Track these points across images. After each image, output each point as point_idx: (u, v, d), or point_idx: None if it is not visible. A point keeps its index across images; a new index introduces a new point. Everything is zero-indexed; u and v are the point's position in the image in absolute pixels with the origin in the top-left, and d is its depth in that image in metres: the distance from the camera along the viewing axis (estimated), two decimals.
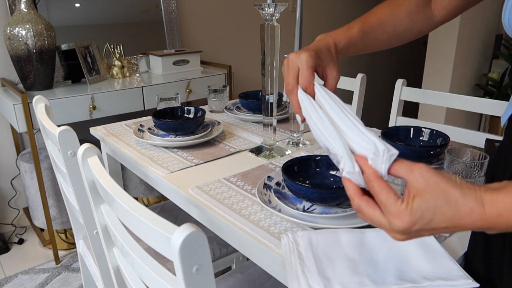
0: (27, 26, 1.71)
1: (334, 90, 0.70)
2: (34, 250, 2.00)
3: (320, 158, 0.89)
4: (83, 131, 1.51)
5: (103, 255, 0.80)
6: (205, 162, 1.06)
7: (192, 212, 0.92)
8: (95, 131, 1.31)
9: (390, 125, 1.44)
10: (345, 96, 1.61)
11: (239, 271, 1.07)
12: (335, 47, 0.72)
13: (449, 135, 1.03)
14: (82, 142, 0.78)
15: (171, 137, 1.17)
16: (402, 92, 1.41)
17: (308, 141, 1.19)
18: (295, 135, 1.17)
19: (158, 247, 0.49)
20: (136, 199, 1.96)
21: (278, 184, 0.88)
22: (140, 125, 1.26)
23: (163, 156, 1.10)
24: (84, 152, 0.69)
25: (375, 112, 3.53)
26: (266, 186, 0.87)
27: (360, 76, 1.57)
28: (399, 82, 1.42)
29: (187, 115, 1.28)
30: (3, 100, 1.80)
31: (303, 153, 1.12)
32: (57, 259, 1.89)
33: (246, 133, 1.28)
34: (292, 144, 1.17)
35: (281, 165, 0.85)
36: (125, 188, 2.05)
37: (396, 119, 1.43)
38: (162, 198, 2.19)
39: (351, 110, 0.60)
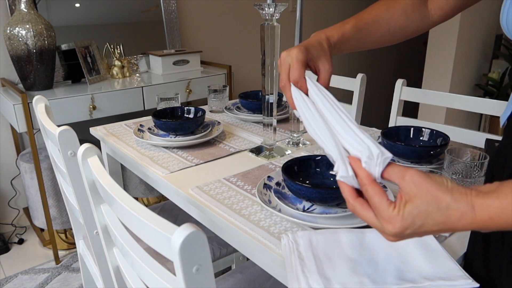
0: (27, 26, 1.71)
1: (327, 83, 0.70)
2: (34, 250, 2.00)
3: (320, 158, 0.89)
4: (83, 131, 1.51)
5: (103, 255, 0.80)
6: (205, 162, 1.06)
7: (192, 212, 0.92)
8: (95, 131, 1.31)
9: (390, 125, 1.44)
10: (345, 96, 1.61)
11: (239, 271, 1.07)
12: (328, 41, 0.73)
13: (449, 135, 1.03)
14: (82, 142, 0.78)
15: (171, 137, 1.17)
16: (402, 92, 1.41)
17: (308, 141, 1.19)
18: (295, 135, 1.17)
19: (158, 247, 0.49)
20: (136, 199, 1.96)
21: (278, 184, 0.88)
22: (140, 125, 1.26)
23: (163, 156, 1.10)
24: (84, 152, 0.69)
25: (375, 112, 3.53)
26: (266, 186, 0.87)
27: (360, 76, 1.57)
28: (399, 82, 1.42)
29: (187, 115, 1.28)
30: (3, 100, 1.80)
31: (303, 153, 1.12)
32: (57, 259, 1.89)
33: (246, 133, 1.28)
34: (292, 144, 1.17)
35: (281, 165, 0.85)
36: (125, 188, 2.05)
37: (396, 119, 1.43)
38: (162, 198, 2.19)
39: (343, 108, 0.59)
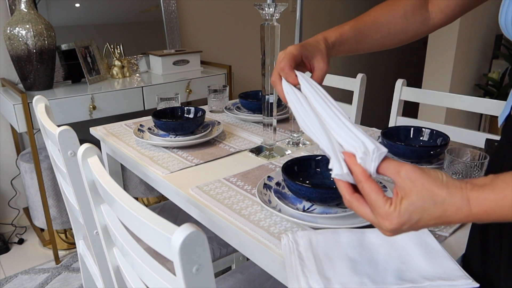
0: (27, 26, 1.71)
1: (321, 81, 0.71)
2: (34, 250, 2.00)
3: (320, 158, 0.89)
4: (83, 131, 1.51)
5: (103, 255, 0.80)
6: (205, 162, 1.06)
7: (192, 212, 0.92)
8: (95, 131, 1.31)
9: (390, 125, 1.44)
10: (345, 96, 1.62)
11: (239, 271, 1.07)
12: (325, 40, 0.73)
13: (449, 135, 1.03)
14: (82, 142, 0.78)
15: (171, 137, 1.17)
16: (402, 92, 1.41)
17: (308, 141, 1.19)
18: (295, 135, 1.17)
19: (158, 247, 0.49)
20: (136, 199, 1.96)
21: (278, 184, 0.88)
22: (140, 125, 1.26)
23: (163, 156, 1.10)
24: (84, 152, 0.69)
25: (375, 112, 3.53)
26: (266, 186, 0.87)
27: (360, 76, 1.57)
28: (399, 82, 1.42)
29: (187, 115, 1.28)
30: (3, 100, 1.80)
31: (303, 153, 1.12)
32: (57, 259, 1.89)
33: (246, 133, 1.28)
34: (292, 144, 1.17)
35: (281, 165, 0.85)
36: (125, 188, 2.05)
37: (396, 119, 1.43)
38: (162, 198, 2.18)
39: (337, 104, 0.59)
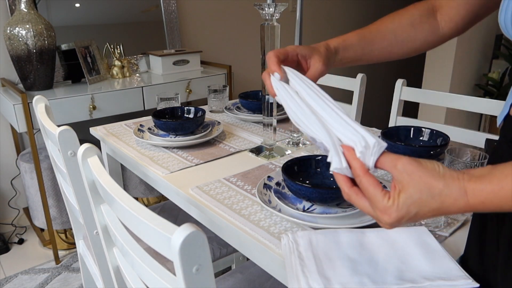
0: (27, 26, 1.71)
1: (314, 81, 0.69)
2: (34, 250, 2.00)
3: (320, 158, 0.89)
4: (83, 131, 1.51)
5: (103, 255, 0.80)
6: (205, 162, 1.06)
7: (192, 212, 0.92)
8: (95, 131, 1.31)
9: (390, 125, 1.44)
10: (345, 96, 1.62)
11: (239, 271, 1.07)
12: (326, 45, 0.73)
13: (449, 135, 1.03)
14: (82, 142, 0.78)
15: (171, 137, 1.17)
16: (402, 92, 1.41)
17: (308, 141, 1.19)
18: (295, 135, 1.17)
19: (158, 247, 0.49)
20: (136, 199, 1.96)
21: (278, 184, 0.88)
22: (140, 125, 1.26)
23: (163, 156, 1.10)
24: (84, 152, 0.69)
25: (375, 112, 3.53)
26: (266, 186, 0.87)
27: (360, 76, 1.57)
28: (399, 82, 1.42)
29: (187, 115, 1.28)
30: (3, 100, 1.80)
31: (303, 153, 1.12)
32: (57, 259, 1.89)
33: (246, 133, 1.28)
34: (292, 144, 1.17)
35: (281, 165, 0.85)
36: (125, 188, 2.05)
37: (396, 119, 1.43)
38: (162, 198, 2.18)
39: (331, 98, 0.57)
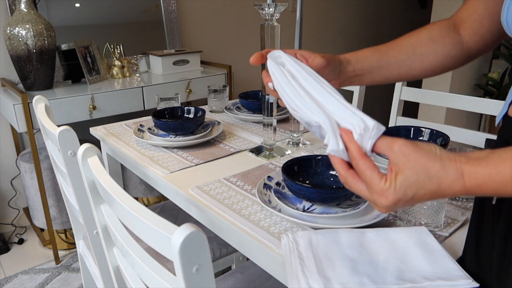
0: (27, 26, 1.71)
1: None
2: (34, 250, 2.00)
3: (320, 158, 0.89)
4: (83, 131, 1.51)
5: (103, 255, 0.80)
6: (205, 162, 1.06)
7: (192, 212, 0.92)
8: (95, 131, 1.31)
9: (390, 125, 1.44)
10: (345, 96, 1.61)
11: (239, 271, 1.07)
12: (336, 56, 0.71)
13: (449, 135, 1.03)
14: (82, 142, 0.78)
15: (171, 137, 1.17)
16: (402, 92, 1.41)
17: (308, 141, 1.19)
18: (295, 135, 1.17)
19: (158, 247, 0.49)
20: (136, 199, 1.96)
21: (278, 184, 0.88)
22: (140, 125, 1.26)
23: (163, 156, 1.10)
24: (84, 152, 0.69)
25: (375, 112, 3.53)
26: (266, 186, 0.87)
27: None
28: (399, 82, 1.42)
29: (187, 115, 1.28)
30: (3, 100, 1.80)
31: (303, 153, 1.12)
32: (57, 259, 1.89)
33: (246, 133, 1.28)
34: (292, 144, 1.17)
35: (281, 165, 0.85)
36: (125, 188, 2.05)
37: (396, 119, 1.43)
38: (162, 198, 2.18)
39: (328, 83, 0.57)
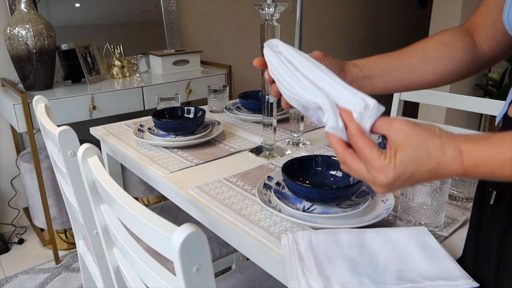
0: (27, 26, 1.71)
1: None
2: (34, 250, 2.00)
3: (320, 158, 0.89)
4: (83, 131, 1.51)
5: (103, 255, 0.80)
6: (205, 162, 1.06)
7: (192, 212, 0.92)
8: (95, 131, 1.31)
9: None
10: None
11: (239, 271, 1.07)
12: (339, 60, 0.70)
13: None
14: (82, 142, 0.78)
15: (171, 137, 1.17)
16: (402, 92, 1.41)
17: (308, 141, 1.19)
18: (295, 135, 1.17)
19: (158, 247, 0.49)
20: (136, 199, 1.96)
21: (278, 184, 0.88)
22: (140, 125, 1.26)
23: (163, 156, 1.10)
24: (84, 152, 0.69)
25: None
26: (266, 186, 0.87)
27: None
28: None
29: (187, 115, 1.28)
30: (3, 100, 1.80)
31: (303, 153, 1.12)
32: (57, 259, 1.89)
33: (246, 133, 1.28)
34: (292, 144, 1.17)
35: (281, 165, 0.85)
36: (125, 188, 2.05)
37: None
38: (162, 198, 2.18)
39: (325, 67, 0.56)
